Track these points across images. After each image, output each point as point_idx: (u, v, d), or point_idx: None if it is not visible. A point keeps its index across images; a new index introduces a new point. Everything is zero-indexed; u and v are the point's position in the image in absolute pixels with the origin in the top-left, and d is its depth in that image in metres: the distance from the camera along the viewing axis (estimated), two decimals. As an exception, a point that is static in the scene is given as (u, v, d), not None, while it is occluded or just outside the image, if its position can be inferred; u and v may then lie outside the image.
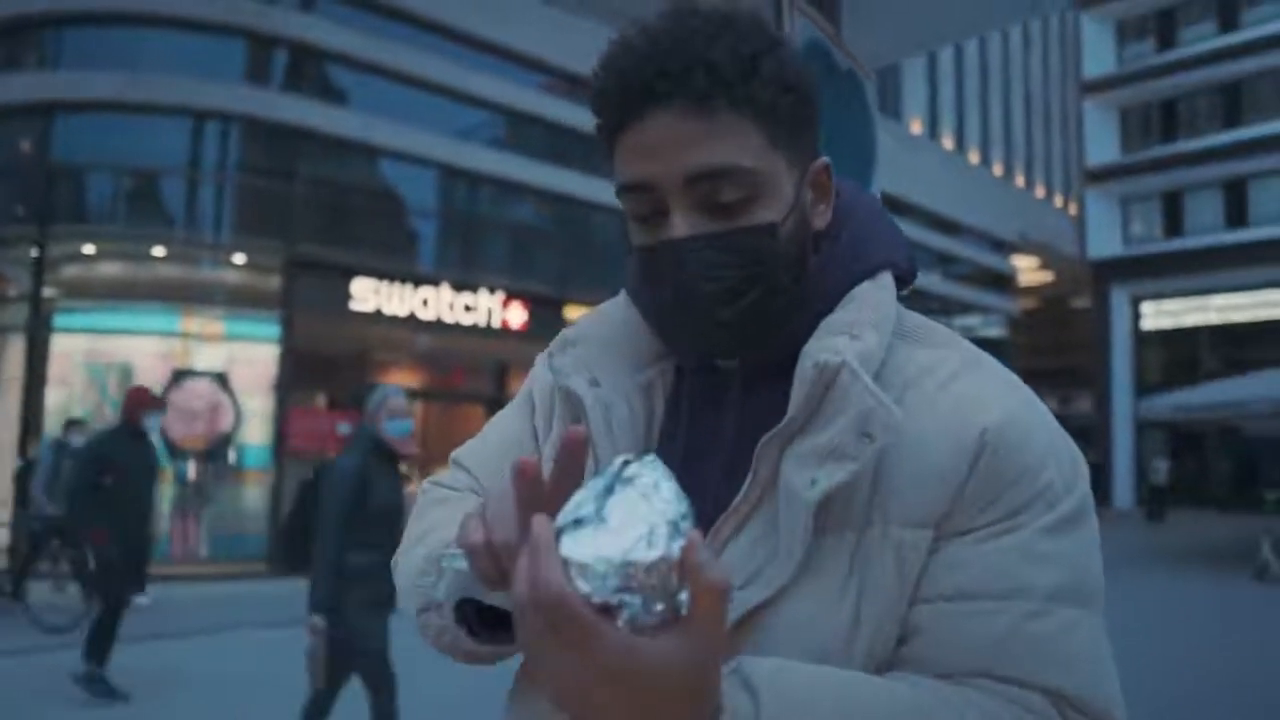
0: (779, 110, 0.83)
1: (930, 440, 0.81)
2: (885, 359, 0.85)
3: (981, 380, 0.86)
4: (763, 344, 0.89)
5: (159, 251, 13.96)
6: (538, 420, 1.02)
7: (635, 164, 0.84)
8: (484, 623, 0.88)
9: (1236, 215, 25.35)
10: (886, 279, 0.92)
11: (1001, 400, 0.84)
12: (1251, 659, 7.92)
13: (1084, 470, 0.85)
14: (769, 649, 0.78)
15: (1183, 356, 25.84)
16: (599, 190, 18.12)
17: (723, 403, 0.91)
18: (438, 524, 0.97)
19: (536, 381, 1.05)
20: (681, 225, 0.83)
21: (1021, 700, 0.75)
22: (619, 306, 1.01)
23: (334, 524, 3.99)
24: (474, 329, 15.84)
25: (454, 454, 1.09)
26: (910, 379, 0.85)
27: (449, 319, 15.66)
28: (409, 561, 0.96)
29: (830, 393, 0.82)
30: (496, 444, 1.06)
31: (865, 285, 0.90)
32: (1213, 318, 25.58)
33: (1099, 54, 27.49)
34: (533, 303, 16.53)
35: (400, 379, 16.07)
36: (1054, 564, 0.79)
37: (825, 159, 0.91)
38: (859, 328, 0.85)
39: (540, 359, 1.07)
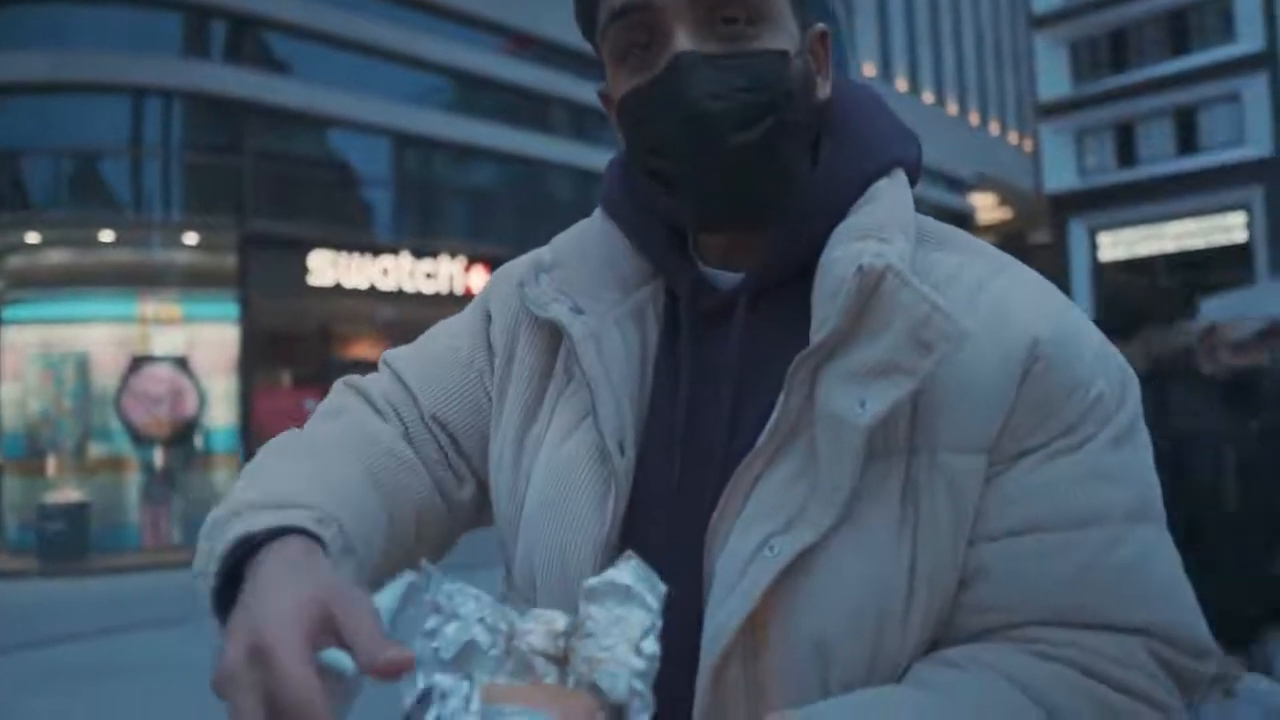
0: None
1: (973, 350, 0.72)
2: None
3: (1017, 284, 0.78)
4: (775, 200, 0.80)
5: (107, 236, 13.58)
6: (494, 334, 0.93)
7: None
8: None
9: (1187, 142, 25.57)
10: (902, 177, 0.83)
11: (1044, 306, 0.76)
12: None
13: (1133, 378, 0.78)
14: (817, 600, 0.71)
15: (1141, 285, 26.16)
16: (556, 149, 17.89)
17: (726, 323, 0.81)
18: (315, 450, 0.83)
19: (496, 300, 0.95)
20: (687, 40, 0.76)
21: (1109, 650, 0.69)
22: (596, 224, 0.92)
23: None
24: (436, 297, 15.62)
25: (386, 354, 0.97)
26: (938, 283, 0.76)
27: (410, 288, 15.44)
28: (244, 490, 0.77)
29: (873, 301, 0.72)
30: (443, 356, 0.94)
31: (883, 183, 0.81)
32: (1169, 245, 25.87)
33: (1046, -13, 27.43)
34: (494, 266, 16.18)
35: (364, 352, 15.88)
36: (1125, 480, 0.73)
37: (823, 25, 0.83)
38: (886, 230, 0.76)
39: (501, 278, 0.97)
